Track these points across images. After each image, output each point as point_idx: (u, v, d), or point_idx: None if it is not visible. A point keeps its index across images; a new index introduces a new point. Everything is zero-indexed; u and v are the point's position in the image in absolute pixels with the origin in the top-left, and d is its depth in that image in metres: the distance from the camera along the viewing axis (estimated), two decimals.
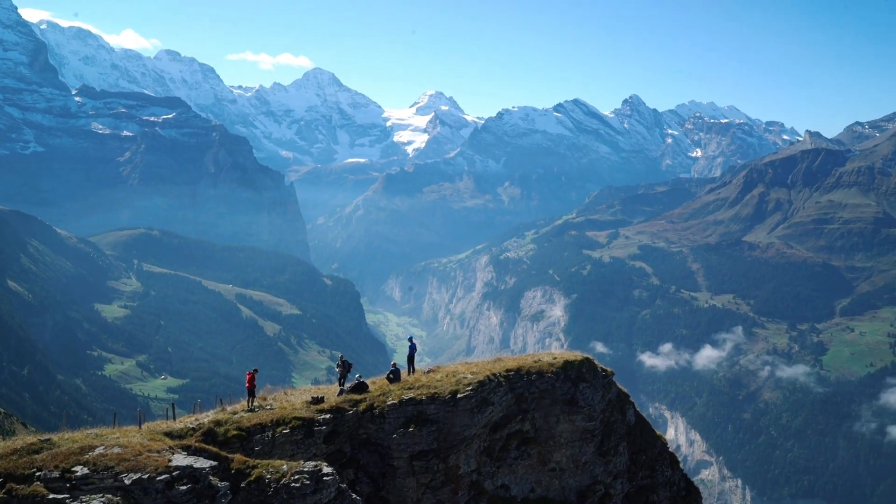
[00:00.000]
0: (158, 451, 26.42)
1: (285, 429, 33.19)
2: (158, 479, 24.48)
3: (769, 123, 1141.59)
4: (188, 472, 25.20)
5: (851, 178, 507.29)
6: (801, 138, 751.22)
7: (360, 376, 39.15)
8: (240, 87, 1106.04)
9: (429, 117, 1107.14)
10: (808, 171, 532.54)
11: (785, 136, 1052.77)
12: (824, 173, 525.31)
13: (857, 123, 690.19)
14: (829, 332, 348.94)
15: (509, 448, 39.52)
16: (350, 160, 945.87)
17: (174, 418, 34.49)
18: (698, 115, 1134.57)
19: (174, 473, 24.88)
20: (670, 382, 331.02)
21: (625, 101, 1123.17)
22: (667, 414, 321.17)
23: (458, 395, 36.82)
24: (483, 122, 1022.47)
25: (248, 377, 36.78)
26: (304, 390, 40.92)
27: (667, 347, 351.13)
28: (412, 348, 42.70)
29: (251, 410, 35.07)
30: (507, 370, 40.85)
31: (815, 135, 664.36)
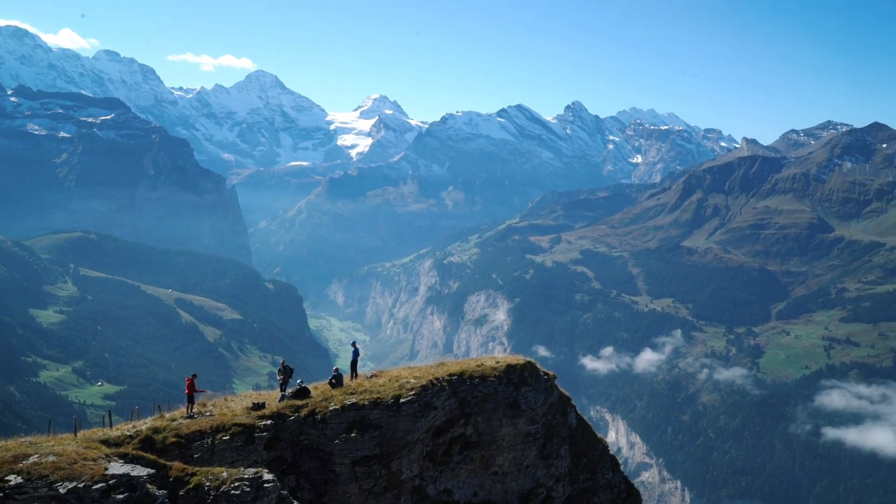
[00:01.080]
0: (94, 460, 25.89)
1: (225, 435, 32.78)
2: (94, 487, 23.99)
3: (708, 131, 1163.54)
4: (125, 481, 24.73)
5: (787, 185, 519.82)
6: (738, 145, 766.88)
7: (301, 382, 38.85)
8: (181, 88, 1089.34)
9: (373, 121, 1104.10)
10: (745, 177, 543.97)
11: (723, 144, 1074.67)
12: (761, 180, 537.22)
13: (793, 131, 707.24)
14: (766, 336, 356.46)
15: (452, 452, 39.58)
16: (293, 163, 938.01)
17: (111, 426, 33.83)
18: (639, 121, 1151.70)
19: (111, 482, 24.40)
20: (611, 386, 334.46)
21: (567, 108, 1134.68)
22: (608, 417, 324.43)
23: (401, 400, 36.78)
24: (427, 126, 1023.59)
25: (187, 383, 36.25)
26: (244, 396, 40.51)
27: (608, 351, 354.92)
28: (355, 353, 42.54)
29: (190, 417, 34.57)
30: (451, 375, 40.95)
31: (751, 142, 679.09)
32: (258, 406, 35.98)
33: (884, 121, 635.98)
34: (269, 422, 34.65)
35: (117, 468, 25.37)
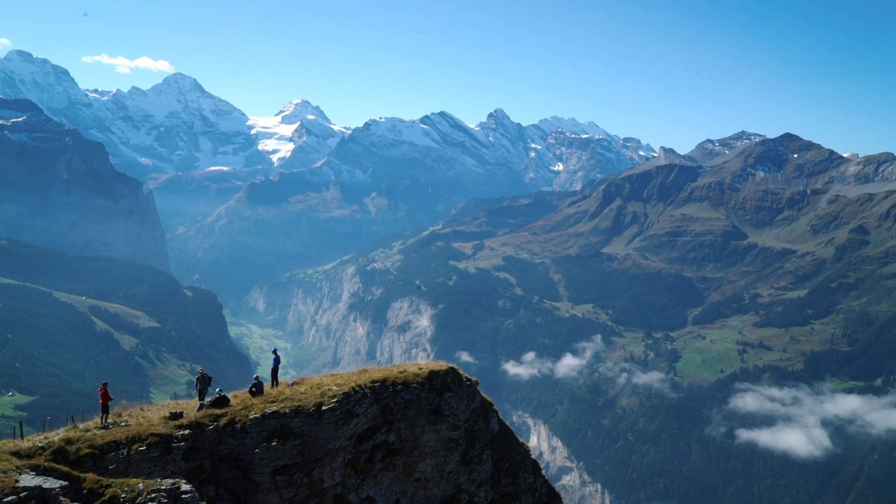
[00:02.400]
0: (4, 472, 25.04)
1: (141, 446, 32.01)
2: (5, 500, 23.17)
3: (627, 139, 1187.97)
4: (37, 493, 23.94)
5: (703, 193, 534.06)
6: (656, 154, 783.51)
7: (220, 390, 38.22)
8: (96, 90, 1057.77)
9: (295, 126, 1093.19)
10: (662, 185, 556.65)
11: (641, 152, 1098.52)
12: (677, 188, 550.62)
13: (708, 141, 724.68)
14: (683, 340, 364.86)
15: (374, 460, 39.42)
16: (213, 168, 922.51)
17: (22, 437, 32.78)
18: (560, 130, 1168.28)
19: (21, 494, 23.59)
20: (533, 390, 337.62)
21: (490, 115, 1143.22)
22: (530, 421, 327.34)
23: (323, 408, 36.49)
24: (350, 132, 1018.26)
25: (100, 392, 35.34)
26: (162, 406, 39.61)
27: (530, 356, 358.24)
28: (276, 361, 42.07)
29: (105, 427, 33.67)
30: (373, 381, 40.80)
31: (669, 151, 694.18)
32: (176, 415, 35.24)
33: (795, 131, 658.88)
34: (187, 431, 33.97)
35: (29, 480, 24.55)
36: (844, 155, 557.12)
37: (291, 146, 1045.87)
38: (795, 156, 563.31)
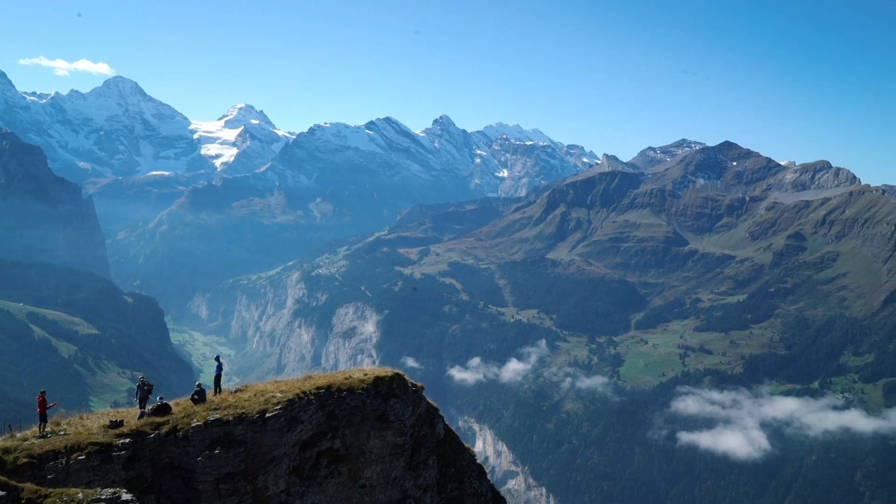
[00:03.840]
0: None
1: (81, 455, 31.37)
2: None
3: (570, 146, 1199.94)
4: None
5: (645, 200, 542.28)
6: (599, 161, 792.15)
7: (162, 398, 37.62)
8: (34, 93, 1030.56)
9: (238, 131, 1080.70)
10: (605, 192, 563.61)
11: (585, 159, 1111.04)
12: (620, 195, 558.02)
13: (650, 148, 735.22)
14: (626, 345, 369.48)
15: (319, 466, 39.18)
16: (154, 173, 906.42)
17: None
18: (505, 136, 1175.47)
19: None
20: (479, 395, 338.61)
21: (435, 121, 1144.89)
22: (475, 426, 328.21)
23: (267, 415, 36.17)
24: (295, 137, 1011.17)
25: (38, 401, 34.57)
26: (102, 414, 38.80)
27: (475, 361, 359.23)
28: (219, 368, 41.56)
29: (43, 436, 32.92)
30: (318, 388, 40.54)
31: (612, 158, 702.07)
32: (116, 424, 34.60)
33: (734, 139, 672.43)
34: (127, 440, 33.38)
35: None
36: (782, 163, 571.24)
37: (235, 151, 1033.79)
38: (734, 163, 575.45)
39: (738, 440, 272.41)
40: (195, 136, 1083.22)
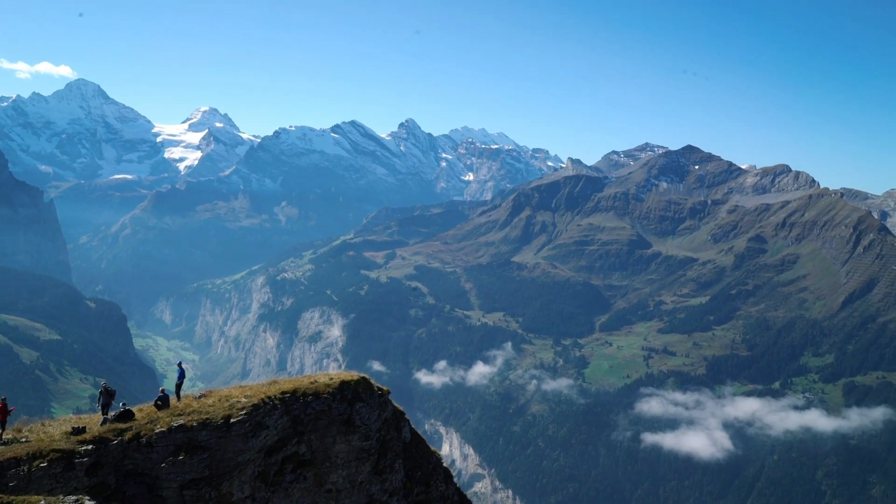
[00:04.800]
0: None
1: (43, 462, 31.08)
2: None
3: (535, 150, 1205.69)
4: None
5: (609, 203, 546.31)
6: (563, 165, 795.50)
7: (125, 404, 37.34)
8: None
9: (202, 134, 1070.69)
10: (570, 195, 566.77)
11: (550, 163, 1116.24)
12: (585, 198, 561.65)
13: (614, 152, 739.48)
14: (590, 347, 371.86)
15: (285, 472, 39.08)
16: (117, 176, 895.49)
17: None
18: (470, 140, 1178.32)
19: None
20: (445, 399, 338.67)
21: (401, 125, 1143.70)
22: (442, 430, 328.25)
23: (232, 420, 36.04)
24: (259, 140, 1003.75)
25: None
26: (64, 420, 38.43)
27: (441, 365, 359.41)
28: (181, 373, 41.37)
29: (4, 444, 32.59)
30: (283, 392, 40.44)
31: (576, 162, 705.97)
32: (78, 430, 34.31)
33: (696, 143, 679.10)
34: (90, 447, 33.11)
35: None
36: (743, 166, 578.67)
37: (199, 154, 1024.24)
38: (696, 167, 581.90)
39: (701, 441, 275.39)
40: (159, 140, 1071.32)
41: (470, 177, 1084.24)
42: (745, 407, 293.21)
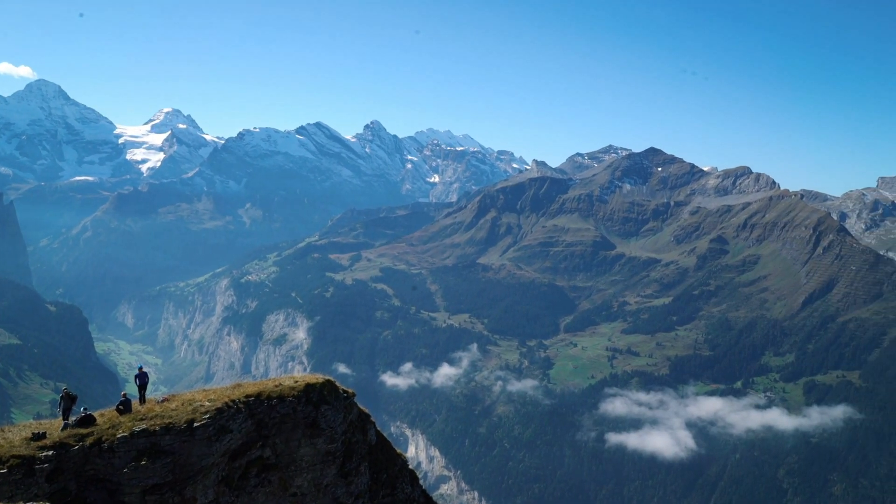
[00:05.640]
0: None
1: (2, 468, 30.65)
2: None
3: (501, 152, 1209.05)
4: None
5: (573, 205, 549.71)
6: (528, 167, 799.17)
7: (86, 409, 36.91)
8: None
9: (165, 135, 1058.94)
10: (535, 197, 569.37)
11: (515, 165, 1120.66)
12: (549, 200, 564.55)
13: (578, 154, 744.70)
14: (555, 348, 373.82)
15: (249, 476, 38.84)
16: (78, 178, 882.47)
17: None
18: (436, 142, 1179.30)
19: None
20: (411, 401, 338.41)
21: (366, 127, 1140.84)
22: (408, 432, 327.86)
23: (195, 424, 35.77)
24: (223, 141, 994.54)
25: None
26: (24, 426, 37.86)
27: (407, 367, 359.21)
28: (144, 377, 40.99)
29: None
30: (248, 396, 40.21)
31: (541, 164, 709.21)
32: (39, 436, 33.87)
33: (659, 146, 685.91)
34: (50, 452, 32.71)
35: None
36: (705, 168, 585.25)
37: (161, 156, 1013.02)
38: (659, 169, 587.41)
39: (664, 440, 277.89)
40: (120, 141, 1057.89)
41: (435, 178, 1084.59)
42: (708, 406, 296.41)
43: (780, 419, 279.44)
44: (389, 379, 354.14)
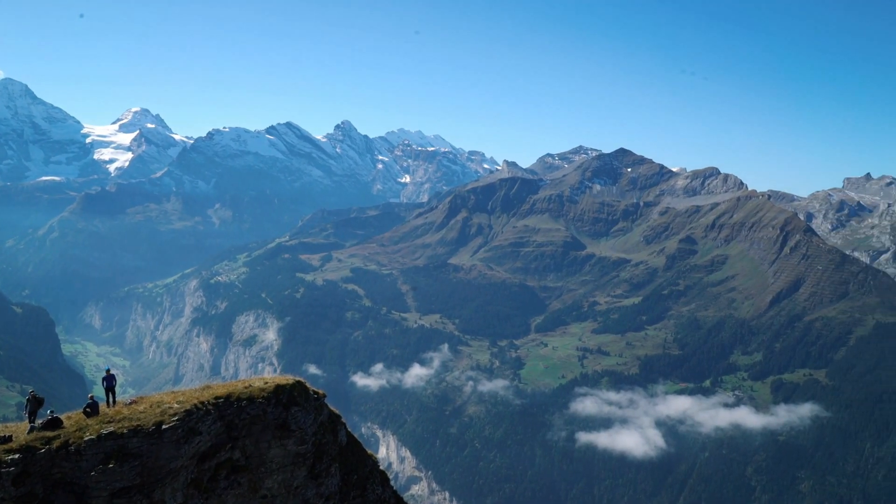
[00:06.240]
0: None
1: None
2: None
3: (471, 153, 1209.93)
4: None
5: (544, 205, 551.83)
6: (499, 167, 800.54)
7: (52, 411, 36.60)
8: None
9: (133, 135, 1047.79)
10: (506, 197, 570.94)
11: (486, 165, 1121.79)
12: (520, 200, 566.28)
13: (549, 155, 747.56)
14: (526, 348, 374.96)
15: (218, 478, 38.68)
16: (44, 178, 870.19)
17: None
18: (407, 142, 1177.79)
19: None
20: (382, 401, 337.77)
21: (337, 127, 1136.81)
22: (379, 433, 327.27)
23: (164, 427, 35.58)
24: (192, 141, 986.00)
25: None
26: None
27: (378, 367, 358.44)
28: (112, 379, 40.65)
29: None
30: (217, 397, 40.05)
31: (512, 164, 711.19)
32: (5, 439, 33.54)
33: (628, 146, 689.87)
34: (16, 456, 32.40)
35: None
36: (674, 169, 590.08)
37: (130, 156, 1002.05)
38: (629, 170, 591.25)
39: (634, 439, 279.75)
40: (88, 141, 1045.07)
41: (406, 179, 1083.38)
42: (677, 405, 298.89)
43: (748, 417, 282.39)
44: (360, 380, 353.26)
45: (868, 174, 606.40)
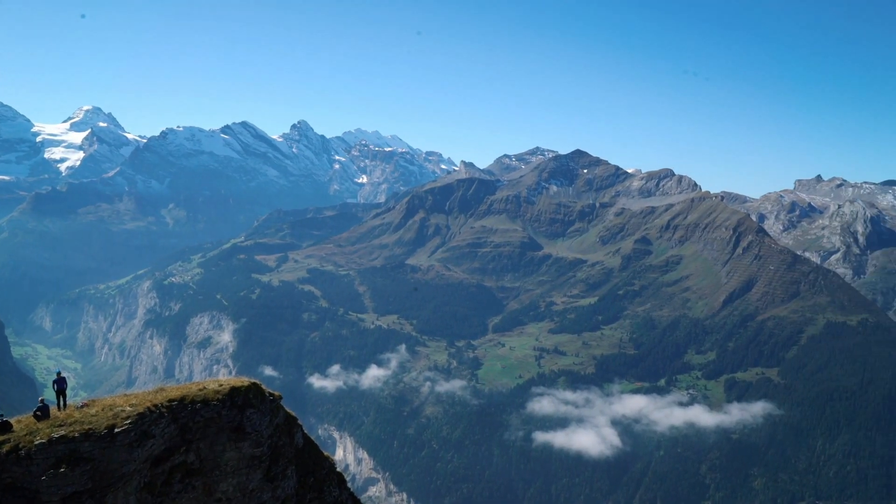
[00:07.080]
0: None
1: None
2: None
3: (429, 153, 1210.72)
4: None
5: (501, 206, 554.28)
6: (457, 168, 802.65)
7: (2, 415, 35.91)
8: None
9: (85, 134, 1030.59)
10: (463, 198, 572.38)
11: (443, 166, 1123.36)
12: (477, 201, 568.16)
13: (506, 156, 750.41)
14: (484, 348, 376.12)
15: (172, 482, 38.26)
16: None
17: None
18: (364, 142, 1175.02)
19: None
20: (339, 403, 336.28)
21: (293, 126, 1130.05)
22: (336, 434, 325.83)
23: (116, 430, 35.09)
24: (146, 140, 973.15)
25: None
26: None
27: (335, 369, 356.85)
28: (62, 382, 40.00)
29: None
30: (171, 400, 39.62)
31: (469, 165, 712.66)
32: None
33: (585, 148, 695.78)
34: None
35: None
36: (629, 170, 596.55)
37: (81, 155, 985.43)
38: (585, 171, 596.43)
39: (590, 438, 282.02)
40: (38, 140, 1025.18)
41: (364, 179, 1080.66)
42: (633, 404, 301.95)
43: (702, 416, 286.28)
44: (317, 381, 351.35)
45: (819, 176, 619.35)
